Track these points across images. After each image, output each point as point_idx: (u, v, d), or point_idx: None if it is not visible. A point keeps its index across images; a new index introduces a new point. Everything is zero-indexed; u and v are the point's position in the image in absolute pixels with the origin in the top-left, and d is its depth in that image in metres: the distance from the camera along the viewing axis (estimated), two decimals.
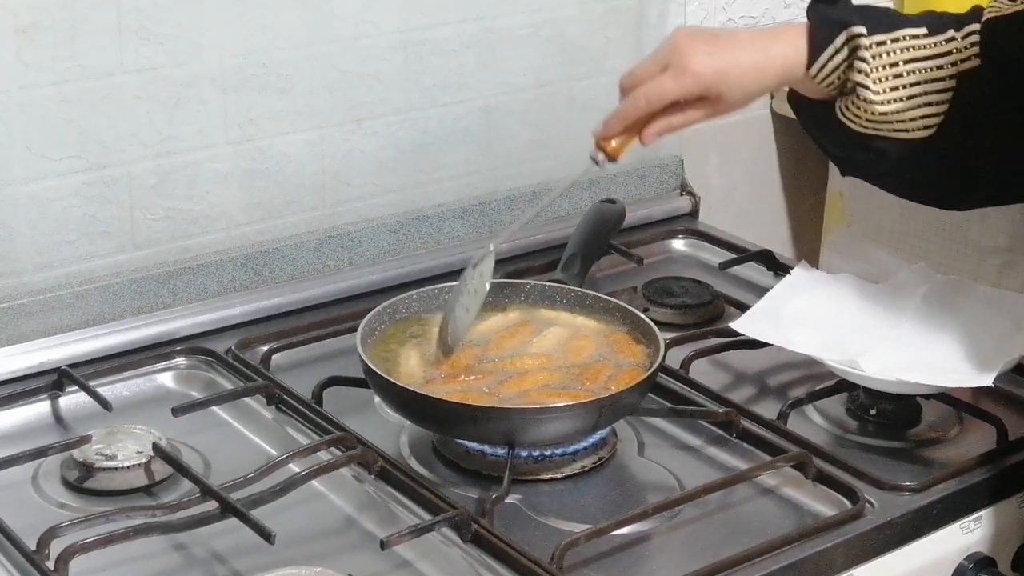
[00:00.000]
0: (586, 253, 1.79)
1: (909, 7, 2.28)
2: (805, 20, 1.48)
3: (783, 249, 2.27)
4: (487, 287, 1.53)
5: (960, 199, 1.53)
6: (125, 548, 1.29)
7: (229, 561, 1.32)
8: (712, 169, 2.20)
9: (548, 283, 1.65)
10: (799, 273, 1.72)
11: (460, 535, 1.33)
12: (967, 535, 1.46)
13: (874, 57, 1.43)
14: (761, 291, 1.74)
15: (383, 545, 1.29)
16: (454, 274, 1.70)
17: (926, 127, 1.45)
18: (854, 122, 1.46)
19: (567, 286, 1.64)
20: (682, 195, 2.09)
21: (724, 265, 1.92)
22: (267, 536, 1.28)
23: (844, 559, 1.36)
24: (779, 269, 1.89)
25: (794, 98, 1.52)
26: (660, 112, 1.48)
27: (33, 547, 1.28)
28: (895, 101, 1.44)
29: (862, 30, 1.44)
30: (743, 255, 1.93)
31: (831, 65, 1.45)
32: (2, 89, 1.56)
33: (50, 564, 1.26)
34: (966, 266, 2.09)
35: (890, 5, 2.33)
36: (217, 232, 1.75)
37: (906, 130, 1.45)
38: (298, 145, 1.78)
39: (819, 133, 1.53)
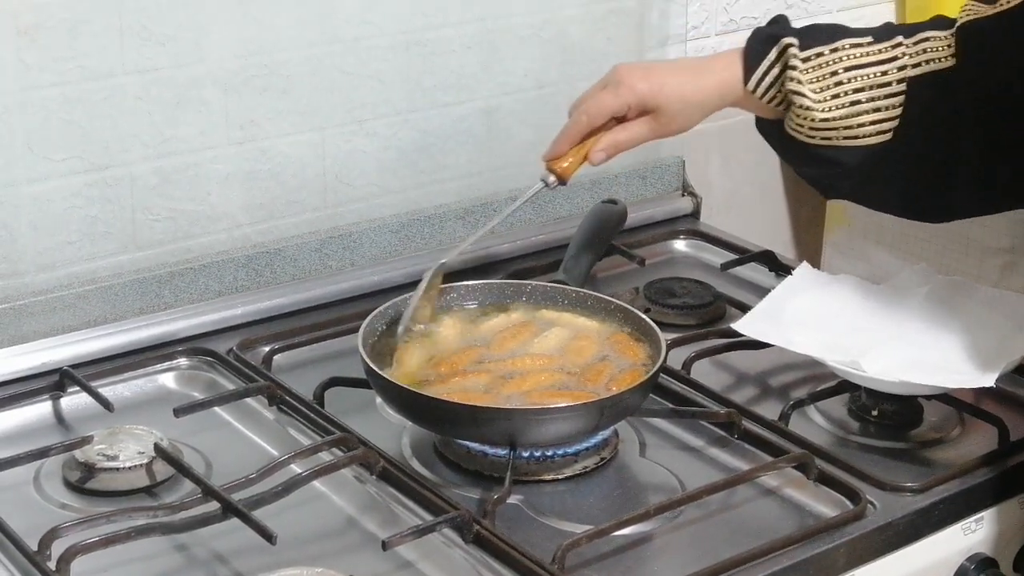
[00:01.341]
0: (587, 254, 1.79)
1: (910, 7, 2.29)
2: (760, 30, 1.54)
3: (784, 250, 2.27)
4: (423, 286, 1.56)
5: (946, 209, 1.54)
6: (127, 549, 1.29)
7: (231, 562, 1.32)
8: (713, 170, 2.20)
9: (550, 284, 1.65)
10: (800, 274, 1.72)
11: (462, 536, 1.33)
12: (969, 536, 1.46)
13: (809, 66, 1.48)
14: (762, 292, 1.74)
15: (385, 546, 1.29)
16: (456, 275, 1.70)
17: (880, 132, 1.47)
18: (799, 132, 1.50)
19: (569, 287, 1.64)
20: (683, 196, 2.09)
21: (726, 266, 1.92)
22: (269, 537, 1.28)
23: (846, 560, 1.36)
24: (780, 270, 1.89)
25: (759, 124, 1.56)
26: (605, 129, 1.55)
27: (35, 548, 1.28)
28: (837, 108, 1.47)
29: (792, 41, 1.50)
30: (744, 256, 1.93)
31: (768, 79, 1.50)
32: (4, 90, 1.56)
33: (52, 565, 1.26)
34: (968, 267, 2.09)
35: (892, 7, 2.33)
36: (219, 233, 1.75)
37: (856, 136, 1.48)
38: (300, 146, 1.78)
39: (784, 154, 1.57)
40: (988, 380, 1.49)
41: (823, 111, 1.47)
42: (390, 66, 1.82)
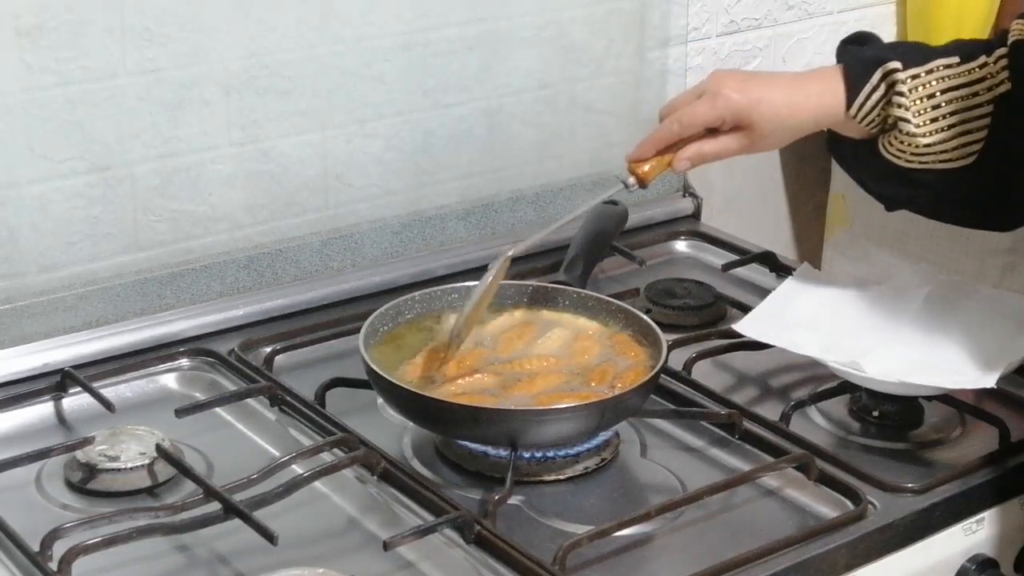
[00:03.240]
0: (588, 255, 1.79)
1: (911, 9, 2.29)
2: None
3: (785, 251, 2.27)
4: (488, 282, 1.52)
5: (1004, 221, 1.54)
6: (128, 549, 1.29)
7: (232, 562, 1.33)
8: (714, 171, 2.20)
9: (551, 284, 1.65)
10: (801, 275, 1.72)
11: (463, 536, 1.34)
12: (969, 536, 1.46)
13: (911, 91, 1.45)
14: (763, 293, 1.75)
15: (386, 546, 1.29)
16: (457, 275, 1.71)
17: (967, 155, 1.47)
18: (899, 157, 1.48)
19: (570, 288, 1.64)
20: (684, 197, 2.09)
21: (726, 267, 1.92)
22: (270, 537, 1.28)
23: (846, 560, 1.36)
24: (781, 271, 1.89)
25: (833, 142, 1.53)
26: (694, 139, 1.51)
27: (36, 548, 1.28)
28: (936, 132, 1.46)
29: (897, 65, 1.46)
30: (745, 257, 1.93)
31: (870, 103, 1.47)
32: (5, 91, 1.56)
33: (53, 565, 1.26)
34: (968, 267, 2.09)
35: (892, 9, 2.33)
36: (220, 233, 1.75)
37: (949, 160, 1.47)
38: (301, 147, 1.78)
39: (861, 172, 1.56)
40: (989, 381, 1.49)
41: (925, 135, 1.45)
42: (391, 67, 1.82)
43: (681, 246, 2.02)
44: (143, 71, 1.64)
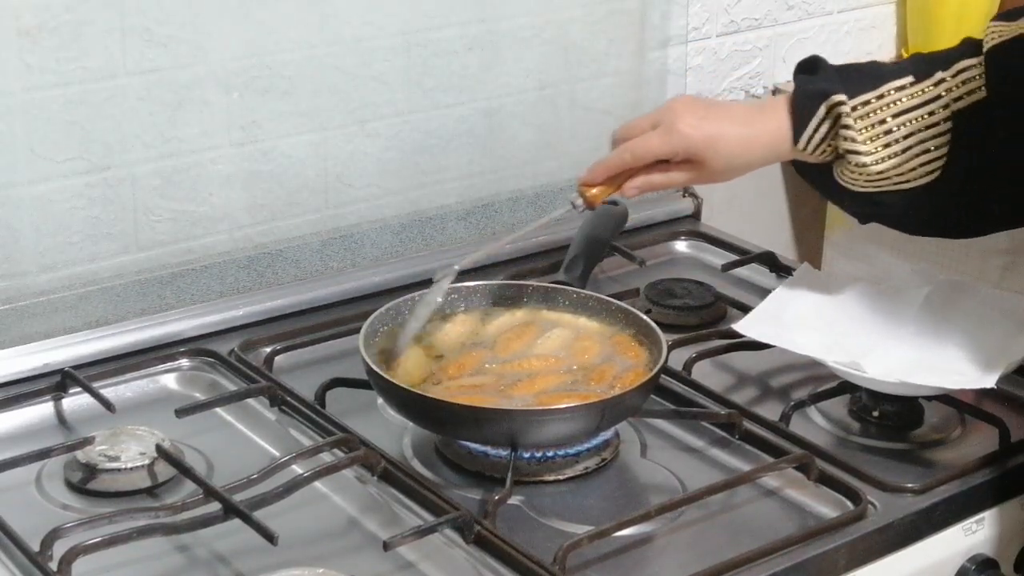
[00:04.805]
0: (588, 255, 1.79)
1: (911, 8, 2.29)
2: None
3: (785, 251, 2.27)
4: (439, 301, 1.55)
5: (973, 229, 1.54)
6: (128, 549, 1.29)
7: (232, 562, 1.33)
8: None
9: (551, 285, 1.65)
10: (801, 275, 1.72)
11: (463, 536, 1.34)
12: (969, 537, 1.46)
13: (858, 120, 1.46)
14: (763, 293, 1.75)
15: (386, 546, 1.29)
16: (457, 276, 1.70)
17: (927, 173, 1.47)
18: (853, 184, 1.48)
19: (570, 288, 1.64)
20: (684, 197, 2.09)
21: (726, 267, 1.92)
22: (270, 537, 1.28)
23: (846, 561, 1.36)
24: (781, 271, 1.89)
25: (798, 163, 1.54)
26: (644, 168, 1.51)
27: (36, 548, 1.28)
28: (889, 158, 1.46)
29: (842, 97, 1.46)
30: (745, 257, 1.93)
31: (817, 136, 1.47)
32: (6, 91, 1.56)
33: (53, 566, 1.26)
34: (968, 267, 2.09)
35: (892, 9, 2.33)
36: (220, 234, 1.75)
37: (907, 181, 1.47)
38: (301, 147, 1.78)
39: (829, 194, 1.56)
40: (989, 381, 1.49)
41: (875, 163, 1.46)
42: (391, 67, 1.82)
43: (681, 246, 2.02)
44: (143, 71, 1.64)
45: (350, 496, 1.42)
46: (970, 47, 1.47)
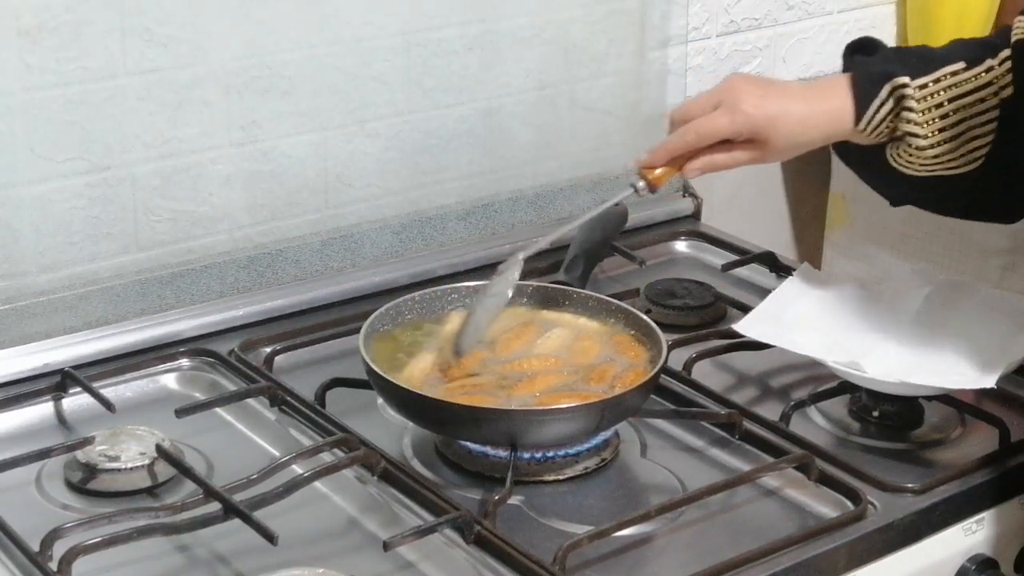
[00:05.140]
0: (589, 255, 1.79)
1: (911, 8, 2.29)
2: (840, 66, 1.49)
3: (785, 251, 2.27)
4: (509, 294, 1.54)
5: (1010, 214, 1.54)
6: (128, 549, 1.30)
7: (232, 562, 1.33)
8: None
9: (551, 285, 1.65)
10: (801, 275, 1.72)
11: (463, 536, 1.34)
12: (969, 536, 1.46)
13: (919, 102, 1.45)
14: (763, 293, 1.75)
15: (386, 546, 1.29)
16: (457, 275, 1.71)
17: (974, 160, 1.47)
18: (907, 167, 1.48)
19: (570, 288, 1.64)
20: (684, 197, 2.09)
21: (726, 267, 1.92)
22: (270, 537, 1.28)
23: (846, 560, 1.37)
24: (781, 271, 1.89)
25: (840, 145, 1.53)
26: (706, 149, 1.50)
27: (36, 548, 1.28)
28: (944, 142, 1.46)
29: (905, 79, 1.46)
30: (745, 257, 1.93)
31: (878, 117, 1.47)
32: (6, 91, 1.56)
33: (53, 566, 1.26)
34: (968, 267, 2.09)
35: (892, 9, 2.33)
36: (220, 234, 1.75)
37: (956, 166, 1.47)
38: (301, 147, 1.78)
39: (870, 177, 1.55)
40: (989, 381, 1.49)
41: (932, 146, 1.46)
42: (391, 67, 1.82)
43: (681, 246, 2.02)
44: (143, 71, 1.64)
45: (350, 496, 1.42)
46: (1006, 39, 1.48)
